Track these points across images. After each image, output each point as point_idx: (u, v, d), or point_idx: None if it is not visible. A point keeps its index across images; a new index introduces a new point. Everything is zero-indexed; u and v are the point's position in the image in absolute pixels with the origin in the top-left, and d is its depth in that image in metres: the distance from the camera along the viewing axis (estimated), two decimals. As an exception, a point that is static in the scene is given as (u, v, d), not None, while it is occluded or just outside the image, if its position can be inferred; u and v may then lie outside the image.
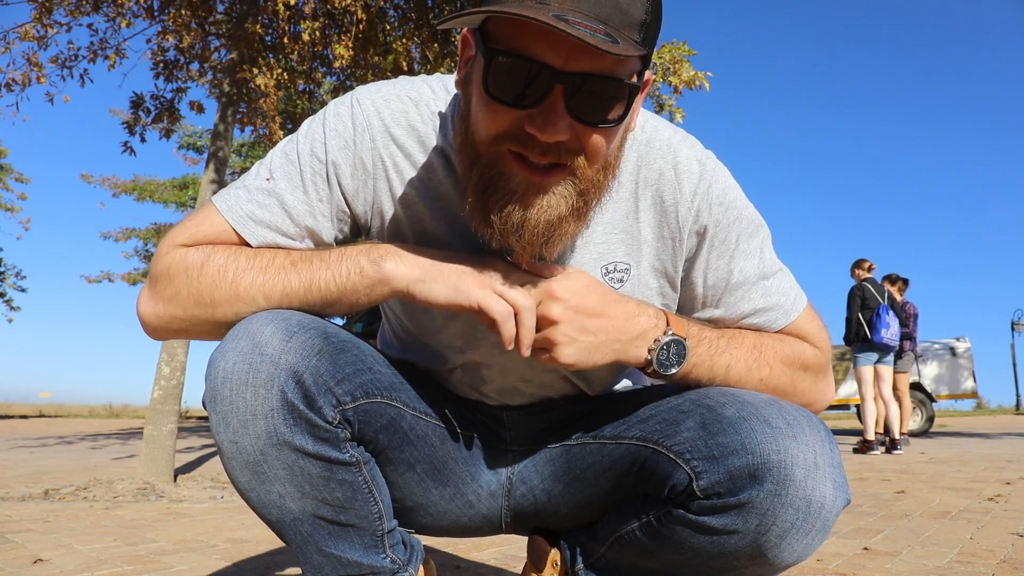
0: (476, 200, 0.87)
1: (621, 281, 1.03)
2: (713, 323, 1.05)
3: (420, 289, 0.90)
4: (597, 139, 0.84)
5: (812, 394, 1.06)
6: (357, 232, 1.05)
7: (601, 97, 0.81)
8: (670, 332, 0.94)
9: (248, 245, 0.97)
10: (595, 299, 0.93)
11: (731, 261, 1.03)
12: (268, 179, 0.98)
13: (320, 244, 1.00)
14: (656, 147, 1.01)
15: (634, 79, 0.83)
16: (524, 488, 1.13)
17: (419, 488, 1.07)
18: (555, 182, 0.85)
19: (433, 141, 0.99)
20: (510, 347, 0.90)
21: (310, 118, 1.02)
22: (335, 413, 0.90)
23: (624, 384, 1.20)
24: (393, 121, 0.98)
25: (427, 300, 0.91)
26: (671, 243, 1.02)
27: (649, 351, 0.94)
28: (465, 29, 0.90)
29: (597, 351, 0.92)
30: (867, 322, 7.00)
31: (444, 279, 0.90)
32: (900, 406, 7.75)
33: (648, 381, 1.19)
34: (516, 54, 0.79)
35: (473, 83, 0.86)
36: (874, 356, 7.11)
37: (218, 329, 0.96)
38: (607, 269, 1.02)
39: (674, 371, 0.95)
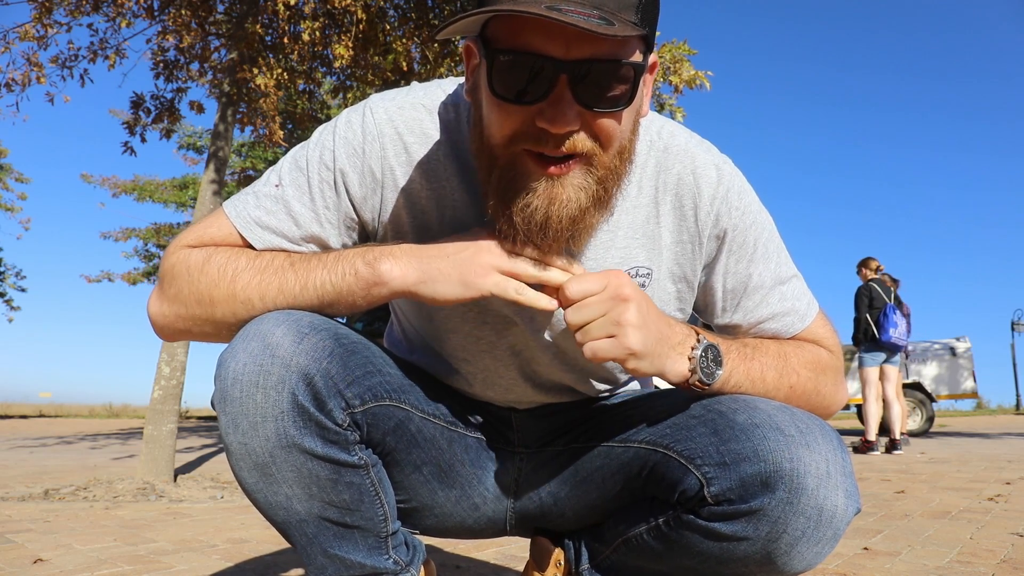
0: (498, 203, 0.88)
1: (643, 286, 1.02)
2: (731, 333, 1.05)
3: (424, 290, 0.90)
4: (608, 123, 0.84)
5: (833, 397, 1.06)
6: (366, 239, 1.04)
7: (606, 81, 0.81)
8: (704, 339, 0.93)
9: (253, 249, 0.97)
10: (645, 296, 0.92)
11: (750, 265, 1.04)
12: (277, 185, 0.98)
13: (326, 250, 0.99)
14: (674, 153, 1.01)
15: (638, 59, 0.83)
16: (530, 490, 1.13)
17: (425, 490, 1.07)
18: (574, 174, 0.85)
19: (447, 148, 0.99)
20: (553, 309, 0.89)
21: (323, 125, 1.02)
22: (345, 416, 0.90)
23: (632, 388, 1.20)
24: (407, 129, 0.98)
25: (434, 299, 0.90)
26: (691, 247, 1.03)
27: (689, 359, 0.92)
28: (467, 40, 0.90)
29: (657, 348, 0.88)
30: (875, 322, 6.96)
31: (446, 276, 0.89)
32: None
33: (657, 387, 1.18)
34: (517, 51, 0.80)
35: (481, 88, 0.86)
36: (881, 356, 7.04)
37: (218, 329, 0.96)
38: (629, 274, 1.01)
39: (719, 374, 0.93)
